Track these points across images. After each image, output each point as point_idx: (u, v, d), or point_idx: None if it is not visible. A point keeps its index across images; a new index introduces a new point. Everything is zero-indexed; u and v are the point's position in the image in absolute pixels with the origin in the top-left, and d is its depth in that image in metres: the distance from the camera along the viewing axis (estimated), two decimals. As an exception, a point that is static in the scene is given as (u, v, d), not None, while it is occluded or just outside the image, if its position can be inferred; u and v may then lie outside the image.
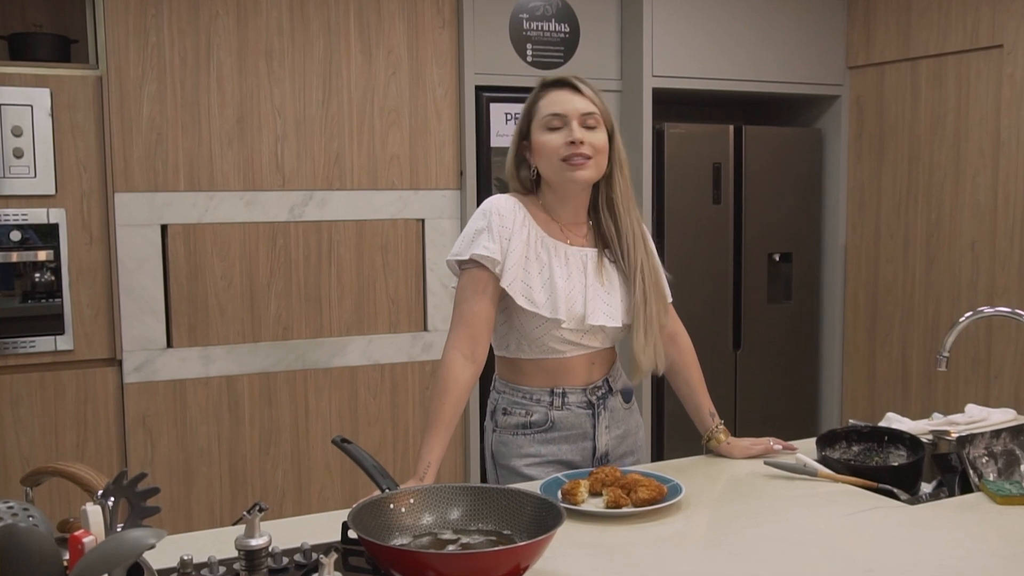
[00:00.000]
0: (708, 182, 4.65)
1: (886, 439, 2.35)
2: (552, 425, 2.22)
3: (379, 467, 1.78)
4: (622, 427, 2.31)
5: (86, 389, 3.57)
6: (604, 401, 2.26)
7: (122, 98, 3.55)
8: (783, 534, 1.81)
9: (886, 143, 4.74)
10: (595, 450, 2.25)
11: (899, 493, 2.08)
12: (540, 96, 2.20)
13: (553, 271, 2.17)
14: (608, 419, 2.26)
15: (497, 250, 2.13)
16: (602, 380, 2.26)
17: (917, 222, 4.61)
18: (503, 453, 2.26)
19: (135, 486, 1.50)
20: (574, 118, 2.13)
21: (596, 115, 2.15)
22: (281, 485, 3.86)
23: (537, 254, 2.18)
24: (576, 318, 2.16)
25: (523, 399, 2.23)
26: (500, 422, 2.26)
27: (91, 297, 3.55)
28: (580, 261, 2.21)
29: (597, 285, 2.20)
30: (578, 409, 2.23)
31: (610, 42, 4.39)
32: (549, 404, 2.22)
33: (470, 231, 2.18)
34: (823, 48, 4.82)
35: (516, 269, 2.14)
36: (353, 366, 3.94)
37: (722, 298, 4.73)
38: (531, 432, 2.23)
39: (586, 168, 2.13)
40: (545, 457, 2.23)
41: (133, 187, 3.58)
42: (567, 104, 2.14)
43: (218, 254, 3.71)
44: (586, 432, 2.24)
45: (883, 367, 4.83)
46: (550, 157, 2.15)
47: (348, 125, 3.88)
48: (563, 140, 2.13)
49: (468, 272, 2.16)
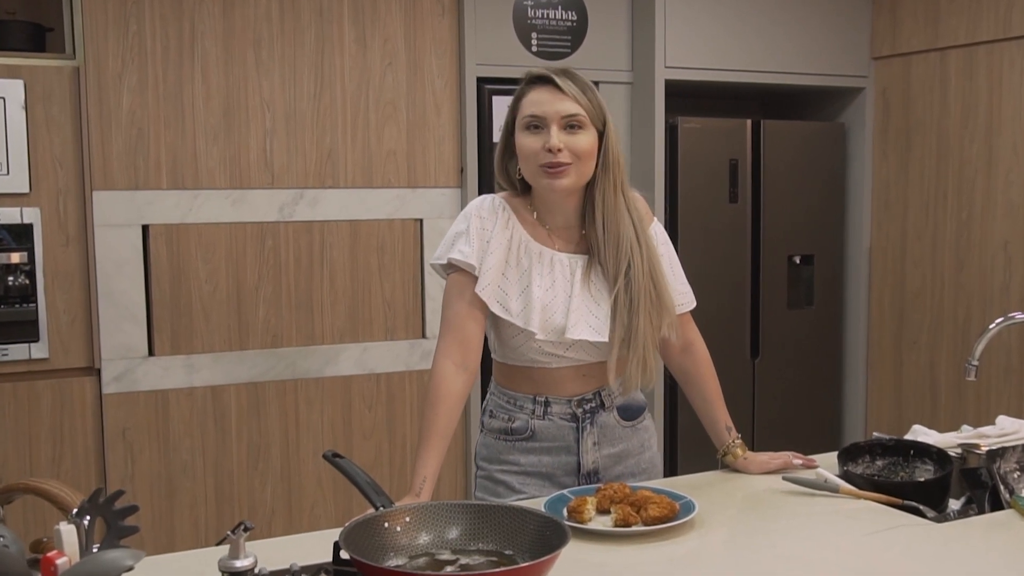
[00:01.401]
0: (724, 180, 4.65)
1: (912, 453, 2.34)
2: (532, 434, 2.23)
3: (373, 483, 1.79)
4: (619, 446, 2.28)
5: (62, 400, 3.57)
6: (592, 416, 2.24)
7: (100, 90, 3.56)
8: (802, 554, 1.81)
9: (913, 138, 4.74)
10: (580, 466, 2.25)
11: (925, 510, 2.08)
12: (523, 93, 2.17)
13: (532, 280, 2.16)
14: (598, 435, 2.25)
15: (473, 253, 2.15)
16: (593, 393, 2.25)
17: (946, 222, 4.61)
18: (484, 456, 2.30)
19: (112, 504, 1.50)
20: (553, 122, 2.09)
21: (580, 116, 2.10)
22: (270, 502, 3.86)
23: (518, 260, 2.18)
24: (554, 330, 2.15)
25: (508, 404, 2.26)
26: (486, 424, 2.31)
27: (67, 302, 3.56)
28: (567, 269, 2.19)
29: (584, 295, 2.18)
30: (560, 420, 2.23)
31: (620, 31, 4.40)
32: (531, 412, 2.23)
33: (450, 234, 2.21)
34: (846, 37, 4.82)
35: (493, 274, 2.15)
36: (347, 375, 3.95)
37: (739, 303, 4.73)
38: (511, 439, 2.25)
39: (564, 176, 2.10)
40: (524, 467, 2.24)
41: (112, 185, 3.58)
42: (547, 106, 2.10)
43: (203, 256, 3.72)
44: (569, 446, 2.24)
45: (910, 376, 4.82)
46: (528, 162, 2.13)
47: (341, 119, 3.89)
48: (541, 145, 2.10)
49: (452, 276, 2.20)
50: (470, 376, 2.16)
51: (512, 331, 2.18)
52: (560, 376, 2.22)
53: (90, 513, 1.47)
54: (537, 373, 2.22)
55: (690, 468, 2.66)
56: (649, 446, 2.37)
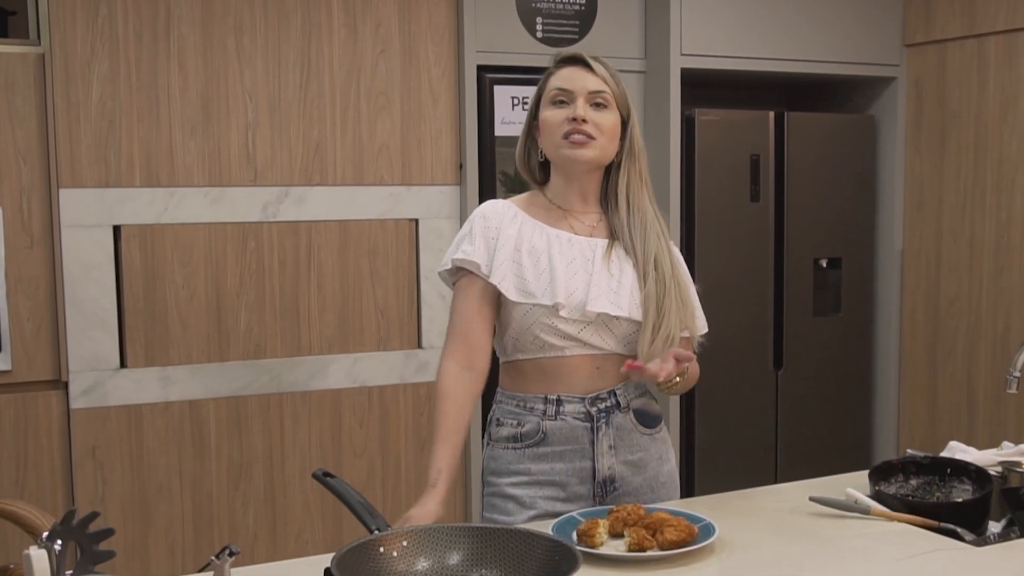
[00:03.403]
0: (745, 177, 4.66)
1: (949, 472, 2.35)
2: (544, 438, 2.28)
3: (367, 504, 1.80)
4: (637, 453, 2.33)
5: (26, 416, 3.57)
6: (608, 416, 2.29)
7: (67, 79, 3.57)
8: (832, 582, 1.81)
9: (949, 132, 4.75)
10: (595, 473, 2.28)
11: (964, 533, 2.08)
12: (551, 73, 2.35)
13: (552, 256, 2.27)
14: (614, 438, 2.30)
15: (476, 252, 2.28)
16: (608, 392, 2.30)
17: (984, 223, 4.62)
18: (492, 469, 2.35)
19: (86, 527, 1.51)
20: (581, 95, 2.28)
21: (606, 94, 2.29)
22: (252, 526, 3.86)
23: (532, 244, 2.30)
24: (576, 305, 2.24)
25: (516, 407, 2.32)
26: (492, 434, 2.36)
27: (32, 309, 3.56)
28: (588, 250, 2.31)
29: (604, 273, 2.29)
30: (574, 420, 2.28)
31: (632, 16, 4.41)
32: (542, 413, 2.28)
33: (456, 239, 2.37)
34: (876, 23, 4.83)
35: (507, 263, 2.27)
36: (336, 389, 3.95)
37: (762, 310, 4.74)
38: (521, 445, 2.29)
39: (587, 147, 2.27)
40: (535, 476, 2.28)
41: (81, 182, 3.59)
42: (575, 81, 2.29)
43: (179, 260, 3.73)
44: (583, 449, 2.28)
45: (945, 389, 4.83)
46: (552, 133, 2.30)
47: (330, 111, 3.90)
48: (566, 116, 2.28)
49: (458, 282, 2.34)
50: (477, 376, 2.27)
51: (528, 313, 2.25)
52: (573, 367, 2.28)
53: (62, 536, 1.48)
54: (550, 364, 2.28)
55: (708, 488, 2.67)
56: (668, 459, 2.42)
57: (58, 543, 1.46)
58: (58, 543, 1.46)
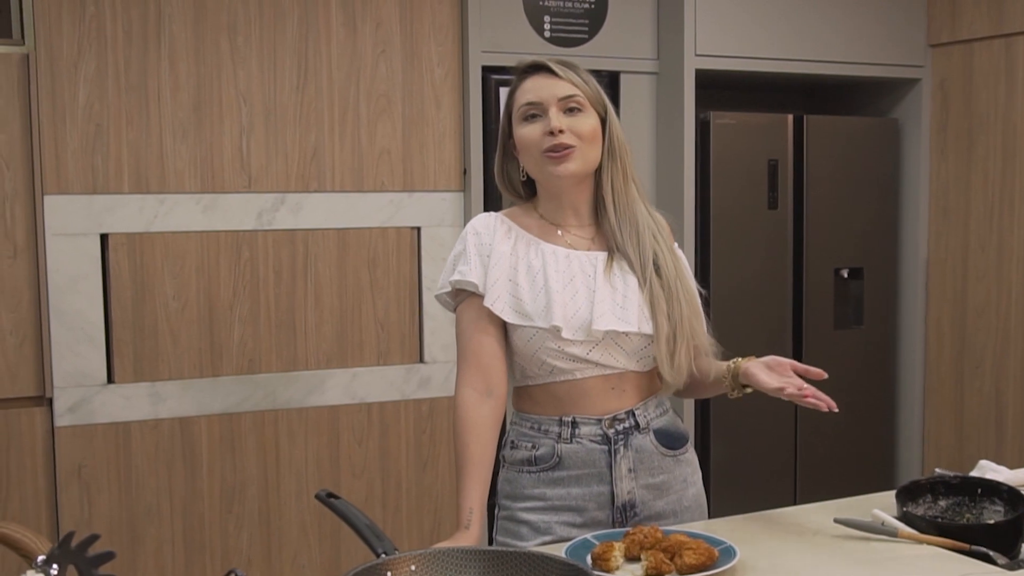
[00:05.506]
0: (763, 182, 4.67)
1: (979, 492, 2.36)
2: (560, 461, 2.28)
3: (373, 527, 1.81)
4: (659, 476, 2.33)
5: (9, 434, 3.58)
6: (627, 438, 2.29)
7: (53, 80, 3.58)
8: (859, 607, 1.82)
9: (975, 135, 4.76)
10: (614, 497, 2.29)
11: (996, 556, 2.09)
12: (516, 85, 2.34)
13: (548, 276, 2.26)
14: (633, 460, 2.30)
15: (473, 271, 2.27)
16: (626, 412, 2.30)
17: (1013, 231, 4.63)
18: (507, 492, 2.35)
19: (85, 550, 1.51)
20: (551, 104, 2.26)
21: (578, 97, 2.27)
22: (246, 550, 3.87)
23: (528, 262, 2.29)
24: (581, 327, 2.23)
25: (531, 430, 2.32)
26: (507, 457, 2.37)
27: (15, 322, 3.58)
28: (587, 265, 2.30)
29: (607, 289, 2.27)
30: (590, 443, 2.28)
31: (644, 14, 4.43)
32: (557, 436, 2.29)
33: (450, 260, 2.36)
34: (900, 22, 4.85)
35: (502, 282, 2.26)
36: (334, 405, 3.96)
37: (780, 322, 4.75)
38: (536, 469, 2.30)
39: (570, 160, 2.25)
40: (551, 501, 2.28)
41: (66, 188, 3.61)
42: (542, 90, 2.28)
43: (170, 270, 3.74)
44: (601, 473, 2.28)
45: (972, 405, 4.83)
46: (530, 151, 2.28)
47: (328, 114, 3.91)
48: (542, 131, 2.25)
49: (460, 304, 2.33)
50: (497, 401, 2.25)
51: (532, 339, 2.25)
52: (586, 388, 2.28)
53: (59, 561, 1.48)
54: (561, 388, 2.28)
55: (725, 509, 2.67)
56: (693, 481, 2.41)
57: (54, 567, 1.46)
58: (54, 567, 1.46)
